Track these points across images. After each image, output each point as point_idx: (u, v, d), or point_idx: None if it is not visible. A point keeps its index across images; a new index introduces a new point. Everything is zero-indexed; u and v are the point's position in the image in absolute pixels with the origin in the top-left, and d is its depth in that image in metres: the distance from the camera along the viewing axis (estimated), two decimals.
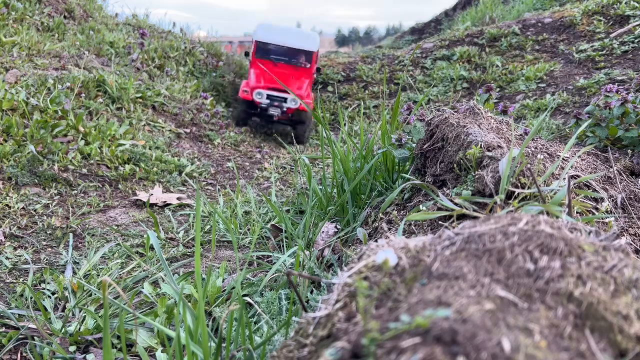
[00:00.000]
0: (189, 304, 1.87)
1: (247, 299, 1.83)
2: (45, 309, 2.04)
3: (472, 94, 6.45)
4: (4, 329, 1.89)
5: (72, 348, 1.78)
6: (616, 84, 4.33)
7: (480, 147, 1.79)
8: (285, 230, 2.63)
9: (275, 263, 2.04)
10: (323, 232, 2.48)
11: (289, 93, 5.89)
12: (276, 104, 6.08)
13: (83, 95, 4.79)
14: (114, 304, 1.99)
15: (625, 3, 7.25)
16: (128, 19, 8.44)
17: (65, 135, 4.17)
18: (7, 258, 2.55)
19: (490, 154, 1.75)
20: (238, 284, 1.26)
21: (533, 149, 1.86)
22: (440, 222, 1.66)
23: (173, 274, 2.39)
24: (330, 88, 7.75)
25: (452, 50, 7.71)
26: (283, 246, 2.59)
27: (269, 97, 6.11)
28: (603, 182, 1.86)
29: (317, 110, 6.22)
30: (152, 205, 3.58)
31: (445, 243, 0.84)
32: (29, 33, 5.65)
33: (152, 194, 3.73)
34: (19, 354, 1.77)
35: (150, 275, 2.38)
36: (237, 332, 1.29)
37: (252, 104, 6.20)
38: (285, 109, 6.09)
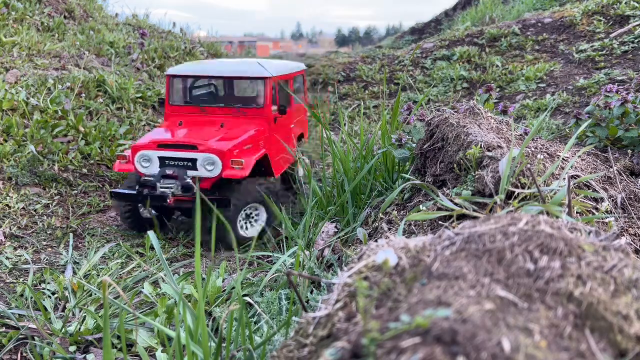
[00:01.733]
0: (189, 304, 1.87)
1: (247, 299, 1.83)
2: (45, 309, 2.04)
3: (472, 94, 6.46)
4: (4, 329, 1.89)
5: (72, 348, 1.78)
6: (616, 84, 4.33)
7: (480, 147, 1.79)
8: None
9: (275, 263, 2.04)
10: (323, 232, 2.48)
11: (200, 149, 3.23)
12: (171, 172, 3.15)
13: (83, 95, 4.79)
14: (114, 304, 2.00)
15: (625, 3, 7.25)
16: (128, 19, 8.44)
17: (66, 135, 4.17)
18: (7, 258, 2.55)
19: (490, 154, 1.75)
20: (238, 284, 1.26)
21: (533, 149, 1.86)
22: (440, 222, 1.66)
23: (173, 274, 2.39)
24: (330, 88, 7.76)
25: (452, 50, 7.71)
26: (283, 246, 2.59)
27: (162, 161, 3.23)
28: (603, 182, 1.86)
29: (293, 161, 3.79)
30: None
31: (445, 243, 0.84)
32: (29, 33, 5.65)
33: None
34: (19, 354, 1.77)
35: (150, 276, 2.38)
36: (237, 332, 1.29)
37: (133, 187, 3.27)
38: (188, 182, 3.13)
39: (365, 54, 8.93)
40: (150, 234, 1.44)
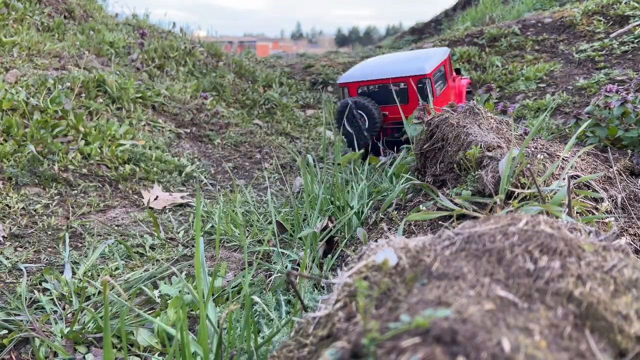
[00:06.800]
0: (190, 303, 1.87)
1: (256, 298, 1.83)
2: (45, 309, 2.04)
3: (472, 94, 6.44)
4: (4, 331, 1.89)
5: (73, 348, 1.78)
6: (616, 84, 4.33)
7: (480, 147, 1.79)
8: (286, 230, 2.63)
9: (275, 263, 2.04)
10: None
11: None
12: None
13: (83, 95, 4.79)
14: (115, 304, 2.00)
15: (625, 3, 7.25)
16: (128, 19, 8.43)
17: (66, 135, 4.16)
18: (6, 258, 2.55)
19: (490, 154, 1.75)
20: (245, 283, 1.27)
21: (533, 149, 1.86)
22: (440, 222, 1.66)
23: (173, 275, 2.39)
24: (330, 88, 7.75)
25: (452, 50, 7.71)
26: (280, 246, 2.59)
27: None
28: (603, 182, 1.86)
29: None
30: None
31: (445, 243, 0.84)
32: (29, 33, 5.65)
33: (157, 197, 3.73)
34: (17, 354, 1.77)
35: (151, 276, 2.39)
36: (240, 332, 1.29)
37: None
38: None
39: (365, 54, 8.93)
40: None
